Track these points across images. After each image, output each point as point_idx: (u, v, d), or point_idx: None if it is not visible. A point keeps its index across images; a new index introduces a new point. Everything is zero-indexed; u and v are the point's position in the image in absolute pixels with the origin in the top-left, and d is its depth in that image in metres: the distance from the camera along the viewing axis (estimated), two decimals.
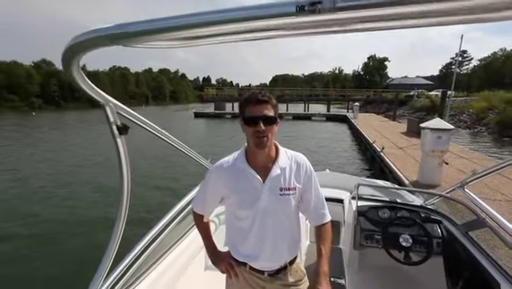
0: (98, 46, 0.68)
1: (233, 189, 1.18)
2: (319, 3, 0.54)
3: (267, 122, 1.08)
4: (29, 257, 4.24)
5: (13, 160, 10.84)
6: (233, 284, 1.29)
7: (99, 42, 0.66)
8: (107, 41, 0.65)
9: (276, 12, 0.58)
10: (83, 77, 0.80)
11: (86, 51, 0.70)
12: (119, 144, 1.06)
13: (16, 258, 4.20)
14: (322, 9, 0.54)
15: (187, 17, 0.63)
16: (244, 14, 0.60)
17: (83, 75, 0.80)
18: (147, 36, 0.65)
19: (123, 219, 1.16)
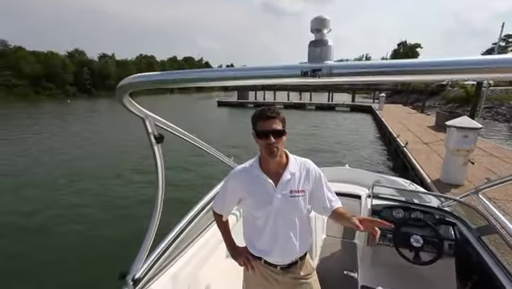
0: (142, 87, 0.92)
1: (250, 192, 1.35)
2: (319, 70, 0.70)
3: (276, 135, 1.23)
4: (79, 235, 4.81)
5: (57, 143, 11.91)
6: (250, 275, 1.48)
7: (144, 84, 0.93)
8: (149, 84, 0.92)
9: (286, 73, 0.76)
10: (129, 100, 1.02)
11: (134, 88, 0.94)
12: (156, 151, 1.28)
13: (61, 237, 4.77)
14: (321, 74, 0.70)
15: (220, 71, 0.84)
16: (263, 73, 0.79)
17: (130, 99, 1.02)
18: (181, 83, 0.89)
19: (158, 212, 1.40)
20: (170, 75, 0.89)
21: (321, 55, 0.73)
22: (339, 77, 0.70)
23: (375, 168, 8.03)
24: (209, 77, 0.85)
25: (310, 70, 0.71)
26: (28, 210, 5.80)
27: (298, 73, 0.73)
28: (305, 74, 0.72)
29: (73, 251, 4.32)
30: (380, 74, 0.68)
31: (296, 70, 0.73)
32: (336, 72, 0.70)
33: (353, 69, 0.70)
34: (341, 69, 0.70)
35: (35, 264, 4.11)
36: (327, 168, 4.42)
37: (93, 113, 26.22)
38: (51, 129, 16.24)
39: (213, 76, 0.85)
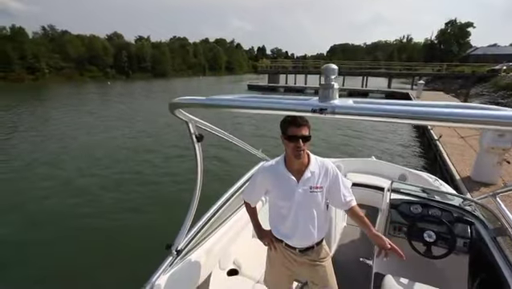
0: (186, 106, 1.25)
1: (275, 186, 1.60)
2: (325, 110, 0.93)
3: (304, 140, 1.44)
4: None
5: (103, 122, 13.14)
6: (273, 254, 1.77)
7: (188, 105, 1.25)
8: (191, 105, 1.23)
9: (299, 108, 1.01)
10: (179, 111, 1.31)
11: (181, 107, 1.25)
12: (197, 148, 1.59)
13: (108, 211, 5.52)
14: (326, 112, 0.93)
15: (247, 101, 1.11)
16: (281, 105, 1.04)
17: (180, 110, 1.32)
18: (214, 107, 1.17)
19: (197, 196, 1.73)
20: (207, 101, 1.18)
21: (328, 95, 0.96)
22: (340, 115, 0.93)
23: (404, 161, 7.88)
24: (237, 105, 1.13)
25: (318, 108, 0.94)
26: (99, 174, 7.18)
27: (309, 109, 0.97)
28: (314, 111, 0.96)
29: (137, 220, 5.11)
30: (376, 116, 0.89)
31: (308, 106, 0.97)
32: (338, 111, 0.93)
33: (352, 110, 0.92)
34: (342, 109, 0.93)
35: (107, 221, 5.04)
36: (353, 160, 4.55)
37: (137, 94, 27.81)
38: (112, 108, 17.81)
39: (241, 104, 1.12)
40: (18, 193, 6.19)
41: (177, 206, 3.41)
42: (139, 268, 1.99)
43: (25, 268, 3.87)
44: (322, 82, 0.97)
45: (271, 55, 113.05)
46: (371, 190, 3.85)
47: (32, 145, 9.92)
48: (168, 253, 1.73)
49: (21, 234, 4.69)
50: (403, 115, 0.85)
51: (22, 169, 7.64)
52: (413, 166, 7.39)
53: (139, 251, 3.86)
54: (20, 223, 5.03)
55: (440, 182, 3.48)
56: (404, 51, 70.79)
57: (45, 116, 15.47)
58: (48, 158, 8.56)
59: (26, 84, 35.92)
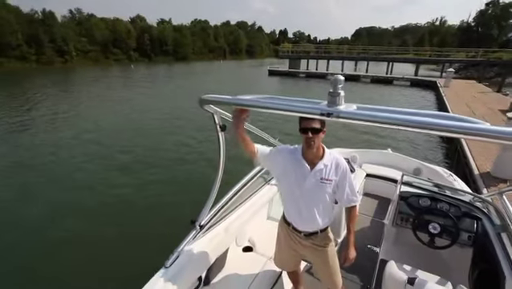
0: (213, 103, 1.44)
1: (290, 169, 1.69)
2: (331, 114, 1.10)
3: (314, 132, 1.54)
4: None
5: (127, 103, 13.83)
6: (281, 236, 1.95)
7: (215, 102, 1.45)
8: (218, 102, 1.44)
9: (310, 111, 1.18)
10: (207, 105, 1.52)
11: (209, 103, 1.45)
12: (220, 137, 1.81)
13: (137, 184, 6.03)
14: (332, 116, 1.10)
15: (266, 102, 1.30)
16: (294, 107, 1.22)
17: (209, 105, 1.52)
18: (237, 105, 1.37)
19: (219, 179, 1.95)
20: (231, 100, 1.39)
21: (335, 102, 1.12)
22: (344, 119, 1.10)
23: (423, 154, 7.74)
24: (258, 105, 1.32)
25: (326, 112, 1.12)
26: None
27: (318, 113, 1.15)
28: (322, 114, 1.13)
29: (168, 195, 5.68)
30: (375, 122, 1.04)
31: (317, 110, 1.15)
32: (342, 116, 1.10)
33: (354, 115, 1.09)
34: (346, 114, 1.09)
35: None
36: (369, 151, 4.63)
37: (162, 78, 28.54)
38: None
39: (261, 105, 1.31)
40: (63, 164, 7.30)
41: (203, 186, 3.79)
42: (167, 239, 2.30)
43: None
44: (330, 90, 1.13)
45: (293, 39, 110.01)
46: (384, 182, 3.96)
47: (84, 122, 11.18)
48: (193, 227, 2.01)
49: (68, 193, 5.78)
50: (397, 122, 1.00)
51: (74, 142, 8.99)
52: (432, 158, 7.30)
53: (167, 224, 4.32)
54: (66, 185, 6.06)
55: (454, 177, 3.52)
56: (436, 35, 65.86)
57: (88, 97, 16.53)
58: (99, 133, 9.91)
59: (56, 67, 37.70)
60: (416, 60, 30.14)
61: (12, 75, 27.56)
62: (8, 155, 7.83)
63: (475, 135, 0.89)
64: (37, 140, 9.14)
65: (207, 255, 2.02)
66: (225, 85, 20.40)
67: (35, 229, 4.57)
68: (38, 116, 12.23)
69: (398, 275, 1.85)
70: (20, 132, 9.83)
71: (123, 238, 4.25)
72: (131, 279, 1.92)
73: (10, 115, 12.15)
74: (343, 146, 4.70)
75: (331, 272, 1.87)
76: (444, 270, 2.12)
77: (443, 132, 0.93)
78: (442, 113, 1.01)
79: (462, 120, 0.94)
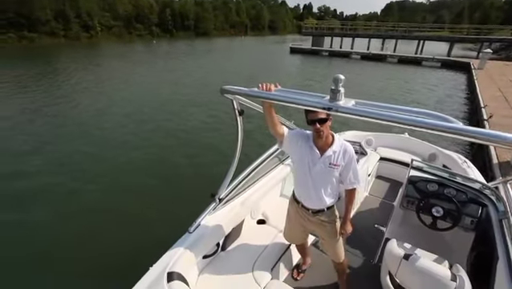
0: (233, 93, 1.59)
1: (304, 154, 1.85)
2: (331, 108, 1.25)
3: (321, 122, 1.68)
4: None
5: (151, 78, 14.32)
6: (291, 212, 2.16)
7: (235, 93, 1.61)
8: (237, 93, 1.59)
9: (314, 105, 1.33)
10: (227, 93, 1.69)
11: (228, 92, 1.62)
12: (239, 121, 2.00)
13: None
14: (332, 110, 1.26)
15: (278, 94, 1.45)
16: (299, 100, 1.38)
17: (229, 94, 1.69)
18: (255, 98, 1.53)
19: (237, 156, 2.16)
20: (248, 92, 1.55)
21: (336, 98, 1.27)
22: (342, 114, 1.25)
23: (446, 140, 7.52)
24: (270, 97, 1.49)
25: (327, 107, 1.27)
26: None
27: (320, 106, 1.30)
28: (323, 108, 1.29)
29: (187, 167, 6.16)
30: (369, 117, 1.18)
31: (320, 104, 1.30)
32: (341, 110, 1.25)
33: (351, 111, 1.23)
34: (344, 109, 1.24)
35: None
36: (386, 135, 4.66)
37: (184, 54, 28.81)
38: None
39: (273, 97, 1.48)
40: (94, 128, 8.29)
41: (223, 162, 4.09)
42: (189, 209, 2.59)
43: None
44: (332, 87, 1.27)
45: (318, 14, 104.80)
46: (398, 165, 4.04)
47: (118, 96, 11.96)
48: (212, 200, 2.27)
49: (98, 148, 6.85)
50: (387, 118, 1.14)
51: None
52: (455, 144, 7.10)
53: (189, 196, 4.73)
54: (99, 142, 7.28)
55: (468, 164, 3.53)
56: (478, 10, 59.99)
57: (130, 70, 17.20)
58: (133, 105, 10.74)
59: (82, 42, 38.82)
60: (450, 39, 27.85)
61: (45, 50, 28.87)
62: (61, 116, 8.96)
63: (453, 133, 1.02)
64: (80, 107, 10.34)
65: (224, 225, 2.29)
66: (244, 66, 20.20)
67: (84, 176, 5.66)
68: (77, 86, 13.36)
69: (396, 251, 2.03)
70: (66, 99, 10.79)
71: (152, 203, 4.75)
72: (160, 240, 2.23)
73: (60, 85, 13.35)
74: (362, 128, 4.75)
75: (335, 246, 2.08)
76: (444, 252, 2.23)
77: (424, 128, 1.06)
78: (430, 111, 1.13)
79: (445, 120, 1.06)
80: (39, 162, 6.17)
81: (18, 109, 9.77)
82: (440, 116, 1.06)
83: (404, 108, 1.15)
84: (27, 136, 7.60)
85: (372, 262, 2.68)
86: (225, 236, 2.36)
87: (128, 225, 4.14)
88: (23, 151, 6.71)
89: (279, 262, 2.41)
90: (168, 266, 1.83)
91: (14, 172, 5.79)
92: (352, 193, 1.97)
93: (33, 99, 11.01)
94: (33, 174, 5.66)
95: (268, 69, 20.00)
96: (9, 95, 11.69)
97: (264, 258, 2.32)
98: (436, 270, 1.84)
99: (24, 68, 17.78)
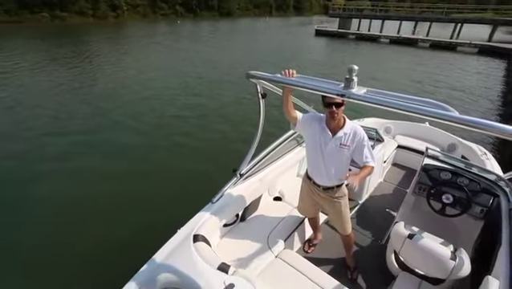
0: (259, 79, 1.75)
1: (317, 135, 2.02)
2: (344, 95, 1.39)
3: (337, 106, 1.85)
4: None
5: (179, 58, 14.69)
6: (304, 189, 2.36)
7: (259, 78, 1.76)
8: (261, 78, 1.76)
9: (329, 91, 1.48)
10: (251, 78, 1.86)
11: (253, 77, 1.78)
12: (261, 104, 2.18)
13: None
14: (345, 97, 1.40)
15: (298, 80, 1.61)
16: (315, 86, 1.52)
17: (253, 78, 1.86)
18: (277, 84, 1.70)
19: (259, 135, 2.36)
20: (272, 77, 1.72)
21: (349, 86, 1.41)
22: (354, 100, 1.39)
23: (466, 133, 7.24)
24: (291, 83, 1.64)
25: (341, 93, 1.41)
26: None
27: (335, 92, 1.45)
28: (337, 94, 1.43)
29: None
30: (378, 104, 1.32)
31: (334, 91, 1.45)
32: (353, 97, 1.39)
33: (362, 98, 1.37)
34: (356, 96, 1.38)
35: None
36: (406, 123, 4.66)
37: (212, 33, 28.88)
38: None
39: (293, 83, 1.64)
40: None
41: (246, 139, 4.35)
42: (212, 182, 2.84)
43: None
44: (347, 76, 1.40)
45: None
46: (415, 154, 4.07)
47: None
48: (234, 175, 2.50)
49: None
50: (392, 105, 1.27)
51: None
52: (481, 135, 6.82)
53: (213, 170, 5.12)
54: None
55: (488, 156, 3.51)
56: None
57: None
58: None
59: (109, 21, 39.69)
60: (493, 21, 25.20)
61: (77, 29, 29.94)
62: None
63: (448, 121, 1.14)
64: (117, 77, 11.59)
65: (244, 198, 2.53)
66: (265, 51, 19.87)
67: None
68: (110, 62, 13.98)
69: (402, 231, 2.17)
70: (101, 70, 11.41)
71: (180, 174, 5.19)
72: (186, 208, 2.48)
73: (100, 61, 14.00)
74: (382, 116, 4.75)
75: (343, 220, 2.27)
76: (450, 237, 2.30)
77: (423, 115, 1.19)
78: (431, 100, 1.24)
79: (443, 109, 1.18)
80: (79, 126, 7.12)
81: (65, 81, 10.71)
82: (440, 104, 1.17)
83: (408, 97, 1.27)
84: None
85: (380, 242, 2.85)
86: (244, 208, 2.60)
87: (159, 194, 4.55)
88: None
89: (292, 235, 2.63)
90: (194, 229, 2.10)
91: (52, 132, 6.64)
92: (367, 167, 1.97)
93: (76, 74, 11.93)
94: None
95: (289, 53, 19.53)
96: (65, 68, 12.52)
97: (279, 230, 2.55)
98: (437, 248, 1.98)
99: (69, 46, 18.72)
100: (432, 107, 1.17)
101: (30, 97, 9.14)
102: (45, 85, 10.43)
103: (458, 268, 1.88)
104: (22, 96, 9.20)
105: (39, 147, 6.09)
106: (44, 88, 10.06)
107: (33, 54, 15.96)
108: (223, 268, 1.80)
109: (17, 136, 6.51)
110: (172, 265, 1.84)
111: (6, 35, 23.38)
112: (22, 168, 5.29)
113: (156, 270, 1.84)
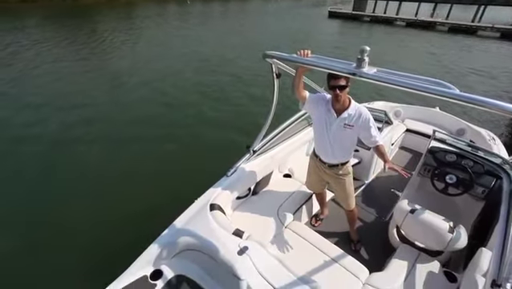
0: (273, 57, 1.86)
1: (323, 115, 2.10)
2: (355, 74, 1.50)
3: (341, 88, 1.91)
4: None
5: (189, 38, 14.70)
6: (311, 166, 2.50)
7: (275, 57, 1.88)
8: (277, 58, 1.88)
9: (340, 70, 1.59)
10: (267, 58, 1.96)
11: (269, 57, 1.88)
12: (276, 83, 2.29)
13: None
14: (356, 76, 1.51)
15: (312, 59, 1.71)
16: (329, 65, 1.63)
17: (269, 58, 1.96)
18: (291, 63, 1.80)
19: (272, 113, 2.48)
20: (287, 57, 1.82)
21: (360, 65, 1.50)
22: (365, 79, 1.49)
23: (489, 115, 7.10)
24: (304, 62, 1.74)
25: (353, 72, 1.51)
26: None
27: (347, 71, 1.55)
28: (349, 73, 1.53)
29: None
30: (387, 83, 1.41)
31: (346, 70, 1.55)
32: (364, 76, 1.49)
33: (372, 76, 1.46)
34: (367, 75, 1.47)
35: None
36: (416, 107, 4.69)
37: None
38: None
39: (307, 62, 1.74)
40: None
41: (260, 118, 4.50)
42: (227, 157, 2.95)
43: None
44: (358, 56, 1.49)
45: None
46: (423, 138, 4.12)
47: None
48: (247, 151, 2.66)
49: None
50: (398, 84, 1.36)
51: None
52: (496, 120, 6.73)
53: (228, 145, 5.35)
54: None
55: (496, 141, 3.55)
56: None
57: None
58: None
59: (120, 2, 39.29)
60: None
61: (90, 9, 29.90)
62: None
63: (450, 98, 1.22)
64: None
65: (256, 173, 2.70)
66: (274, 34, 19.41)
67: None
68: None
69: (404, 207, 2.31)
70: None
71: (197, 148, 5.44)
72: (203, 181, 2.65)
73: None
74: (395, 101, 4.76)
75: (347, 196, 2.42)
76: (451, 215, 2.33)
77: (426, 93, 1.28)
78: (434, 79, 1.32)
79: (445, 87, 1.26)
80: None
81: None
82: (442, 83, 1.27)
83: (414, 76, 1.36)
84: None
85: (384, 219, 3.00)
86: (255, 182, 2.78)
87: (177, 166, 4.83)
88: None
89: (301, 209, 2.81)
90: (210, 200, 2.29)
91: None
92: (380, 148, 2.12)
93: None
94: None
95: (299, 36, 19.01)
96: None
97: (288, 204, 2.73)
98: (436, 222, 2.11)
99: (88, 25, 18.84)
100: (435, 86, 1.27)
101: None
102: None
103: (455, 240, 2.02)
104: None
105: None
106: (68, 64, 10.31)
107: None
108: (238, 233, 1.98)
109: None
110: (191, 230, 2.04)
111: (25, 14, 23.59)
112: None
113: (176, 234, 2.04)
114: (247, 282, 1.69)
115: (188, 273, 1.90)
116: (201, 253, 1.92)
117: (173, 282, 1.85)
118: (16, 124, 6.20)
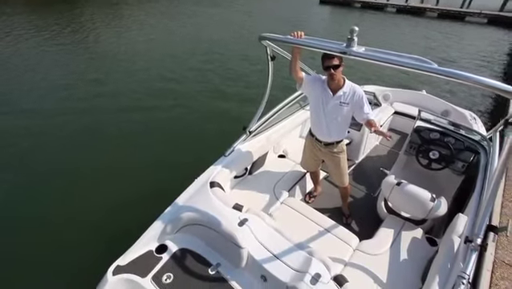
0: (269, 39, 1.97)
1: (319, 94, 2.21)
2: (346, 53, 1.61)
3: (335, 68, 2.02)
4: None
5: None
6: (307, 145, 2.62)
7: (271, 40, 1.99)
8: (272, 41, 2.00)
9: (331, 49, 1.71)
10: (263, 40, 2.05)
11: (265, 39, 1.98)
12: (270, 65, 2.39)
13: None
14: (346, 54, 1.62)
15: (305, 40, 1.81)
16: (319, 45, 1.74)
17: (264, 41, 2.05)
18: (289, 44, 1.89)
19: (266, 96, 2.59)
20: (282, 38, 1.91)
21: (350, 44, 1.61)
22: (354, 57, 1.59)
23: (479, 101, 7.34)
24: (298, 42, 1.84)
25: (343, 51, 1.62)
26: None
27: (338, 50, 1.65)
28: (340, 52, 1.64)
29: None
30: (375, 60, 1.52)
31: (336, 49, 1.65)
32: (354, 54, 1.59)
33: (362, 55, 1.57)
34: (356, 54, 1.58)
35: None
36: (404, 91, 4.87)
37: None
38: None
39: (300, 43, 1.83)
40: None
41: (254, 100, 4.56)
42: (224, 139, 3.02)
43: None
44: (348, 36, 1.59)
45: None
46: (409, 120, 4.31)
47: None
48: (244, 132, 2.77)
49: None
50: (385, 60, 1.46)
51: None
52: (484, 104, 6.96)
53: (226, 127, 5.27)
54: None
55: (476, 121, 3.77)
56: None
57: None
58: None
59: None
60: None
61: None
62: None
63: (430, 72, 1.34)
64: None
65: (252, 154, 2.82)
66: (261, 22, 18.96)
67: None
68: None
69: (391, 180, 2.48)
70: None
71: (196, 130, 5.49)
72: (199, 160, 2.74)
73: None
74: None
75: (341, 173, 2.56)
76: (434, 189, 2.49)
77: (410, 68, 1.41)
78: (416, 56, 1.42)
79: (426, 62, 1.38)
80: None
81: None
82: (423, 59, 1.39)
83: (399, 54, 1.48)
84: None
85: (373, 195, 3.19)
86: (252, 163, 2.90)
87: (177, 146, 4.91)
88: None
89: (295, 187, 2.96)
90: (210, 178, 2.41)
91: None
92: (371, 121, 2.18)
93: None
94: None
95: (291, 24, 18.73)
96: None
97: (283, 182, 2.87)
98: (420, 192, 2.30)
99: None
100: (416, 62, 1.40)
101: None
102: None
103: (436, 208, 2.21)
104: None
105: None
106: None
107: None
108: (237, 207, 2.11)
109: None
110: (193, 206, 2.15)
111: None
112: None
113: (179, 211, 2.15)
114: (248, 250, 1.82)
115: (191, 246, 2.01)
116: (203, 226, 2.03)
117: (178, 255, 1.95)
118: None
